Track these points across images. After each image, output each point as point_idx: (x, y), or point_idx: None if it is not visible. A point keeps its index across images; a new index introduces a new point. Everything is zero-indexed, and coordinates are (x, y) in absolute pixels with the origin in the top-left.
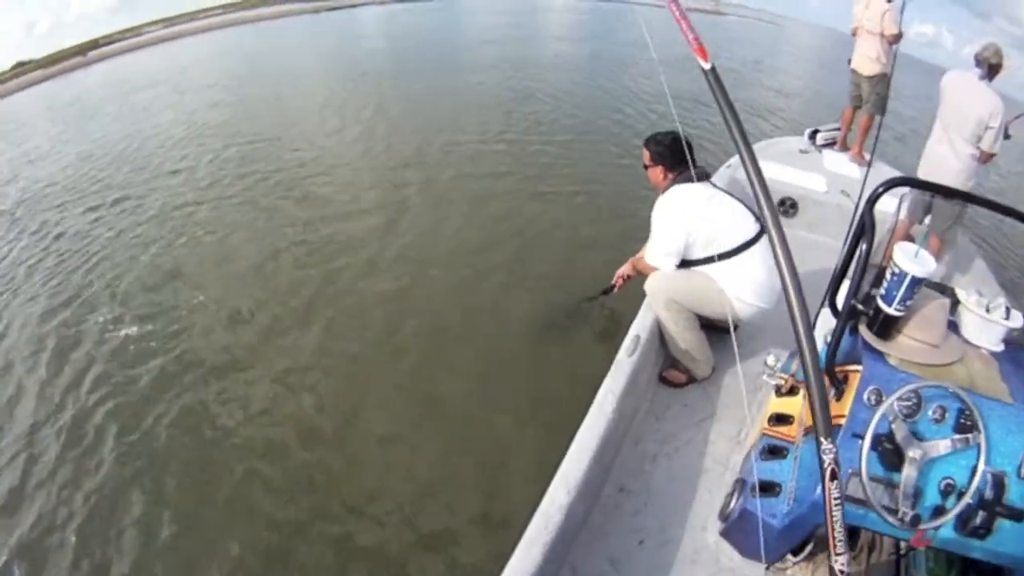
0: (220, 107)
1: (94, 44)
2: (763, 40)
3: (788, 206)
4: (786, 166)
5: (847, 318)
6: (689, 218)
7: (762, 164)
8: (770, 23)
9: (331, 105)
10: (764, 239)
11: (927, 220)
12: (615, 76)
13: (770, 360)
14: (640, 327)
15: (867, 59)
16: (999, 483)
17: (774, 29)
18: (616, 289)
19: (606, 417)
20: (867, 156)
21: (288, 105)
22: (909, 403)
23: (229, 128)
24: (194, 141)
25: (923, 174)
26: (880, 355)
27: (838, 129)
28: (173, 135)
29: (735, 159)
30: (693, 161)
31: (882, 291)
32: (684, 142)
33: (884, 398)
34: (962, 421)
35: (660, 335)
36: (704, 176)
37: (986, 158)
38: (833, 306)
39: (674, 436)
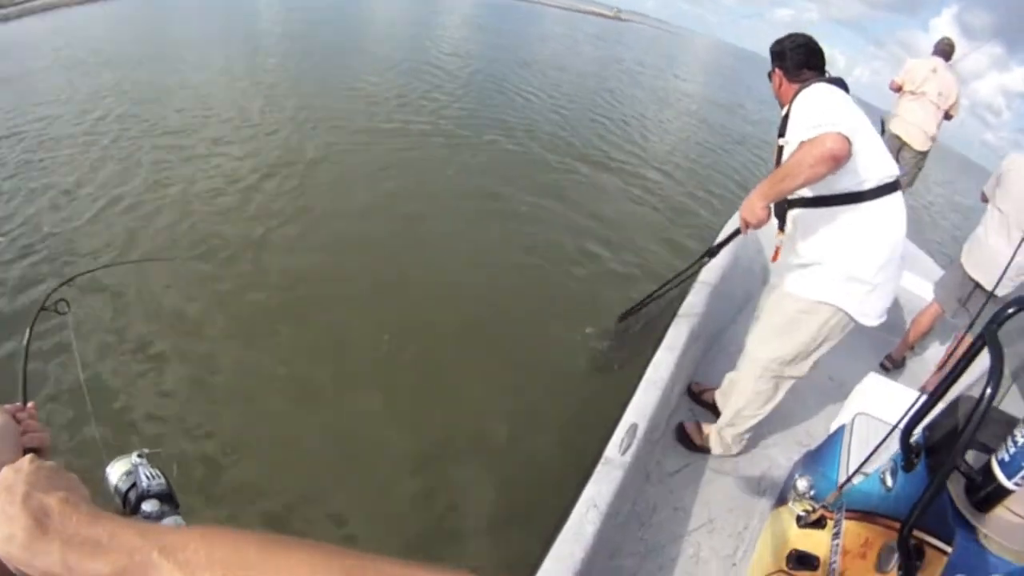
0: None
1: None
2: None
3: None
4: None
5: (944, 479)
6: (845, 105)
7: None
8: (672, 33)
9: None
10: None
11: (958, 314)
12: None
13: (801, 485)
14: (637, 414)
15: (923, 134)
16: None
17: (681, 40)
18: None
19: (585, 540)
20: None
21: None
22: None
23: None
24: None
25: (969, 264)
26: (974, 533)
27: None
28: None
29: None
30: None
31: (1004, 455)
32: (812, 45)
33: None
34: None
35: (691, 395)
36: (843, 86)
37: None
38: (907, 438)
39: (658, 550)
